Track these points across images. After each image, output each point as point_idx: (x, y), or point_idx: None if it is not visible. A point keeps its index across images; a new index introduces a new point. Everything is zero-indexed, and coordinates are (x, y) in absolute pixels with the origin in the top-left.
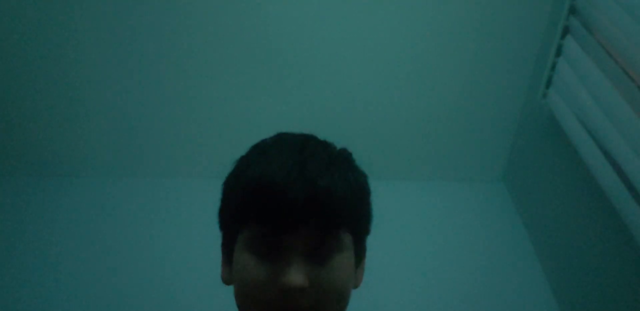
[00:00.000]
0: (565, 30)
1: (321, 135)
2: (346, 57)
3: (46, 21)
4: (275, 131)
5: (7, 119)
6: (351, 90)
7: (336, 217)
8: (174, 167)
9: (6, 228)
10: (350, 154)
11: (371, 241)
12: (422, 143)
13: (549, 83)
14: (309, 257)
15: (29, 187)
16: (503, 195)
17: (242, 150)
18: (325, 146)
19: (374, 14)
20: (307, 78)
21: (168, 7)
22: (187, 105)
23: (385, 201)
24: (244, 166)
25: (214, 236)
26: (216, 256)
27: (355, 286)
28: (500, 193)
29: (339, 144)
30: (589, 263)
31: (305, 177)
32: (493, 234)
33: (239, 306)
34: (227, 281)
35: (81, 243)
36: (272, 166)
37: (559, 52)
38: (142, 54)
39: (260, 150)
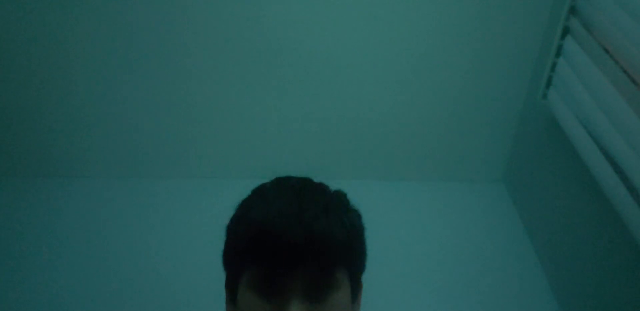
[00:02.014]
0: (565, 31)
1: (322, 135)
2: (346, 58)
3: (46, 21)
4: (275, 131)
5: (7, 119)
6: (351, 90)
7: (332, 258)
8: (175, 168)
9: (6, 229)
10: (344, 196)
11: (371, 241)
12: (422, 143)
13: (549, 83)
14: (308, 296)
15: (29, 187)
16: (503, 195)
17: (242, 150)
18: (321, 189)
19: (374, 14)
20: (308, 78)
21: (169, 7)
22: (188, 106)
23: (386, 201)
24: (245, 210)
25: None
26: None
27: None
28: (500, 193)
29: (339, 144)
30: (589, 263)
31: (302, 222)
32: (493, 234)
33: None
34: None
35: (82, 244)
36: (272, 212)
37: (559, 52)
38: (143, 54)
39: (260, 195)
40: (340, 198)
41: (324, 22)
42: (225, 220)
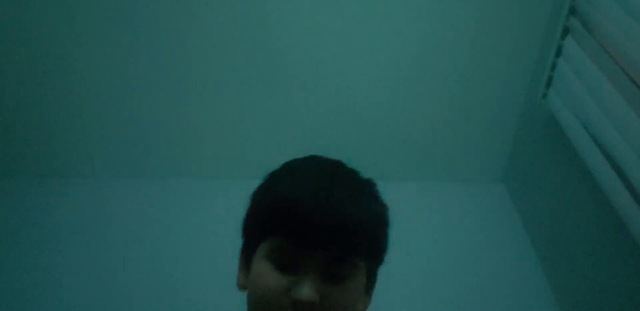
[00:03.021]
0: (565, 31)
1: (322, 135)
2: (346, 58)
3: (47, 20)
4: (275, 132)
5: (8, 119)
6: (351, 90)
7: (355, 245)
8: (176, 168)
9: (6, 229)
10: (375, 185)
11: None
12: (422, 143)
13: (549, 83)
14: (324, 276)
15: (29, 187)
16: (503, 195)
17: (241, 150)
18: (354, 174)
19: (374, 14)
20: (308, 79)
21: (170, 7)
22: (188, 106)
23: (386, 202)
24: (275, 180)
25: (215, 237)
26: (216, 256)
27: None
28: (500, 193)
29: (339, 144)
30: (589, 263)
31: (332, 202)
32: (493, 234)
33: None
34: (242, 286)
35: (82, 244)
36: (303, 186)
37: (559, 52)
38: (143, 54)
39: (292, 169)
40: (370, 187)
41: (325, 23)
42: (227, 220)
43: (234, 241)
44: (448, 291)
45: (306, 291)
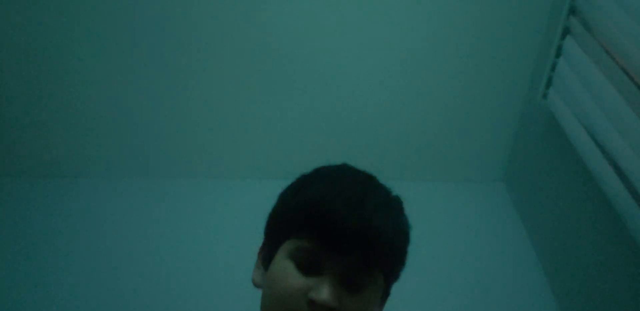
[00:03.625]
0: (565, 31)
1: (322, 135)
2: (347, 58)
3: (47, 21)
4: (275, 132)
5: (7, 119)
6: (352, 90)
7: (378, 255)
8: (175, 167)
9: (6, 229)
10: (402, 202)
11: None
12: (422, 143)
13: (549, 83)
14: (344, 282)
15: (29, 187)
16: (503, 195)
17: (241, 150)
18: (385, 188)
19: (374, 14)
20: (309, 78)
21: (170, 7)
22: (188, 106)
23: None
24: (306, 183)
25: (215, 236)
26: (217, 256)
27: None
28: (500, 193)
29: (339, 144)
30: (589, 263)
31: (363, 211)
32: (493, 234)
33: (262, 309)
34: (258, 283)
35: (82, 244)
36: (335, 192)
37: (559, 52)
38: (143, 54)
39: (325, 174)
40: (398, 202)
41: (325, 22)
42: (227, 220)
43: (234, 241)
44: (448, 291)
45: (326, 293)
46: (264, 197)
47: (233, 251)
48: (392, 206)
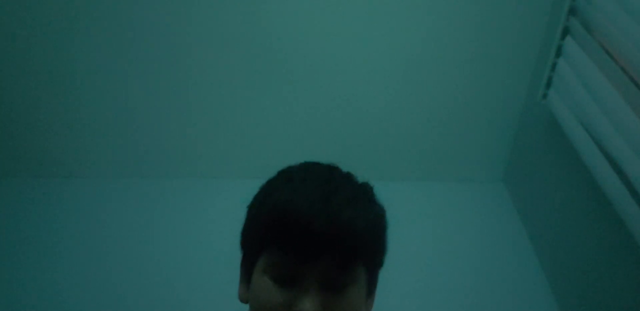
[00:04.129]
0: (565, 31)
1: (322, 135)
2: (346, 58)
3: (47, 20)
4: (275, 132)
5: (7, 119)
6: (351, 90)
7: (354, 251)
8: (176, 168)
9: (7, 229)
10: (371, 188)
11: None
12: (422, 144)
13: (549, 83)
14: (324, 286)
15: (29, 187)
16: (503, 195)
17: (241, 150)
18: (349, 179)
19: (375, 14)
20: (308, 79)
21: (170, 7)
22: (187, 106)
23: (385, 202)
24: (270, 190)
25: (215, 237)
26: (217, 256)
27: None
28: (500, 193)
29: (339, 144)
30: (589, 263)
31: (329, 210)
32: (493, 234)
33: None
34: (243, 299)
35: (82, 244)
36: (298, 195)
37: (559, 53)
38: (143, 54)
39: (287, 177)
40: (366, 190)
41: (325, 22)
42: (227, 220)
43: (234, 241)
44: (448, 291)
45: (308, 304)
46: None
47: (233, 251)
48: (359, 195)
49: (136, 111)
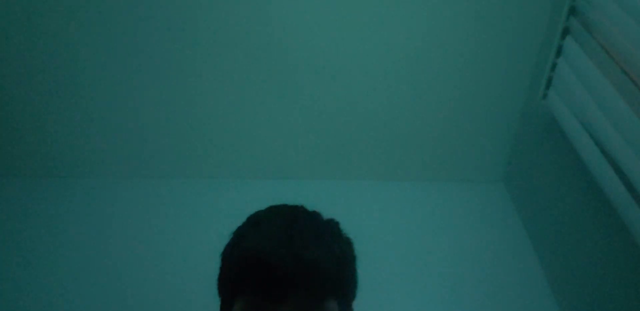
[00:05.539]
0: (565, 31)
1: (323, 135)
2: (347, 59)
3: (48, 21)
4: (275, 132)
5: (8, 119)
6: (351, 91)
7: (322, 287)
8: (176, 168)
9: (7, 229)
10: (337, 224)
11: (372, 241)
12: (422, 144)
13: (549, 83)
14: None
15: (29, 187)
16: (503, 195)
17: (241, 150)
18: (313, 218)
19: (374, 14)
20: (309, 79)
21: (172, 7)
22: (189, 106)
23: (386, 202)
24: (238, 238)
25: (215, 237)
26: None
27: None
28: (500, 193)
29: (339, 145)
30: (589, 263)
31: (293, 251)
32: (493, 234)
33: None
34: None
35: (82, 244)
36: (263, 240)
37: (559, 53)
38: (143, 55)
39: (254, 223)
40: (331, 227)
41: (326, 24)
42: (227, 220)
43: None
44: (448, 291)
45: None
46: (263, 197)
47: None
48: (324, 234)
49: (137, 111)
